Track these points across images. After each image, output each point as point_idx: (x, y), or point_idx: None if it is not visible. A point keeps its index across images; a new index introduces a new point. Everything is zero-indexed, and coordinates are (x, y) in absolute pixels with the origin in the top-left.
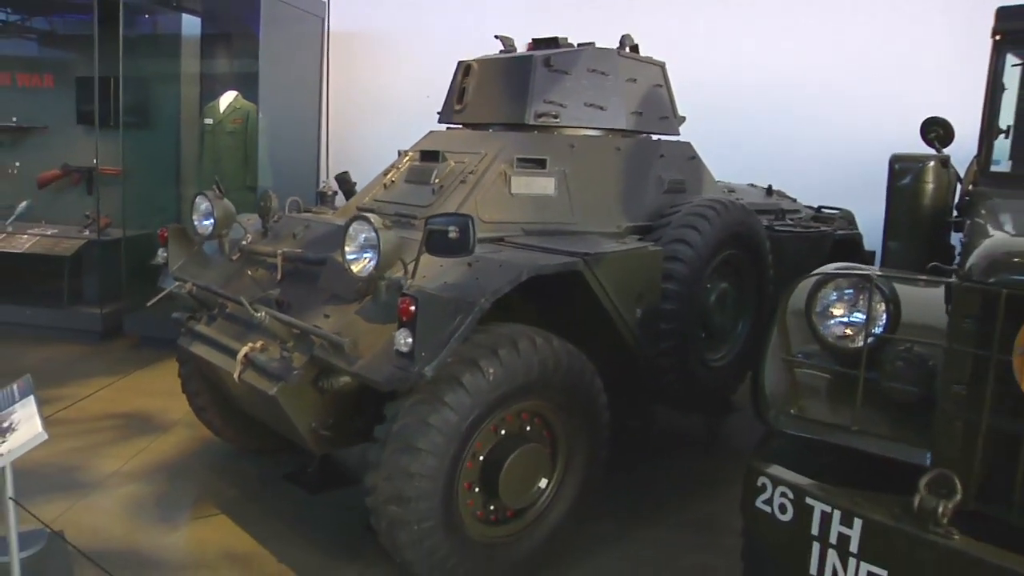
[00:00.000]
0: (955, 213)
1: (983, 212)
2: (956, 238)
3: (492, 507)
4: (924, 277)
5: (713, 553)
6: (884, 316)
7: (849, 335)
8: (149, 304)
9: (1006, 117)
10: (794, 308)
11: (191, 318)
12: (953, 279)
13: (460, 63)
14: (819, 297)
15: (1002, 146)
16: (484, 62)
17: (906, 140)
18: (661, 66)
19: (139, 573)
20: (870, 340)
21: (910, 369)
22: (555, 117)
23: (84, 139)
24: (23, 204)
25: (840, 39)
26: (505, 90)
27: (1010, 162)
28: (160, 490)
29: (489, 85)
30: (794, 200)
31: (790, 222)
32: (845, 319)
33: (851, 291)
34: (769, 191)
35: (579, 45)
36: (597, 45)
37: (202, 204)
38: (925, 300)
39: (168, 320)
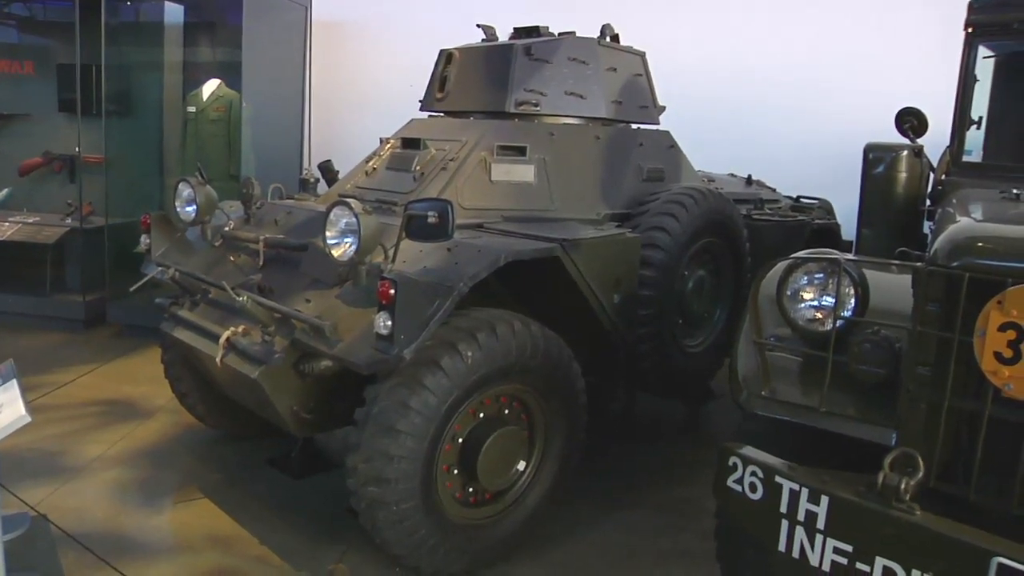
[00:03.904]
0: (928, 202)
1: (954, 201)
2: (929, 226)
3: (471, 489)
4: (891, 262)
5: (689, 535)
6: (853, 300)
7: (819, 318)
8: (132, 289)
9: (978, 108)
10: (766, 292)
11: (174, 304)
12: (919, 263)
13: (442, 51)
14: (790, 281)
15: (974, 137)
16: (465, 51)
17: (883, 131)
18: (641, 56)
19: (122, 555)
20: (839, 323)
21: (877, 351)
22: (535, 105)
23: (66, 127)
24: (5, 192)
25: (818, 31)
26: (486, 78)
27: (981, 152)
28: (143, 475)
29: (470, 73)
30: (773, 190)
31: (768, 211)
32: (815, 303)
33: (821, 275)
34: (749, 181)
35: (560, 34)
36: (578, 34)
37: (184, 191)
38: (894, 285)
39: (151, 308)
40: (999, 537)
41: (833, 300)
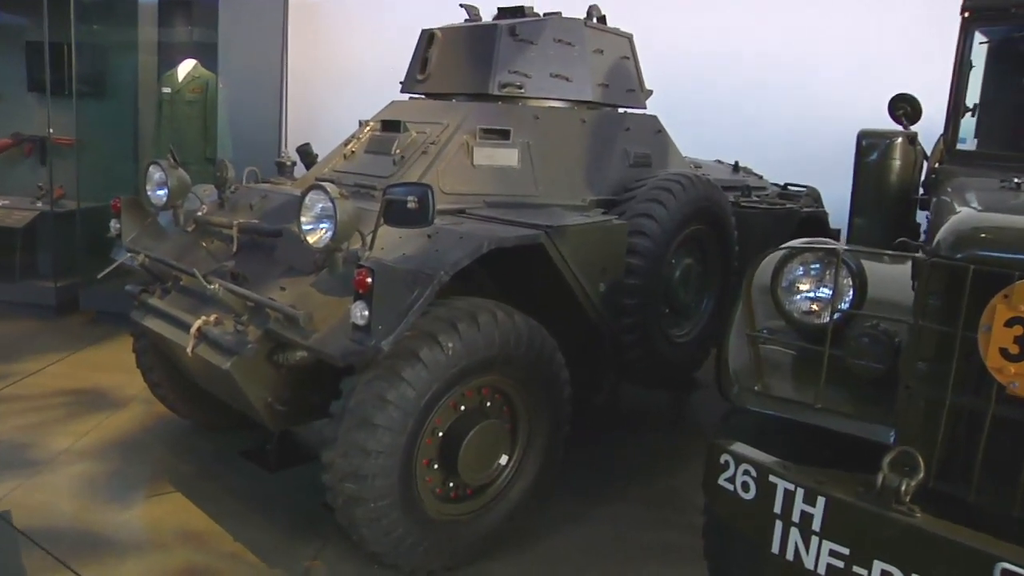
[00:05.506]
0: (921, 191)
1: (949, 190)
2: (922, 216)
3: (451, 484)
4: (891, 252)
5: (674, 529)
6: (850, 292)
7: (815, 311)
8: (100, 276)
9: (973, 95)
10: (760, 283)
11: (144, 291)
12: (920, 255)
13: (424, 32)
14: (785, 272)
15: (968, 124)
16: (448, 31)
17: (874, 118)
18: (628, 38)
19: (90, 554)
20: (836, 316)
21: (875, 346)
22: (519, 87)
23: (36, 107)
24: None
25: (810, 15)
26: (469, 59)
27: (976, 140)
28: (113, 468)
29: (453, 54)
30: (760, 177)
31: (756, 199)
32: (811, 294)
33: (818, 266)
34: (736, 168)
35: (545, 15)
36: (563, 15)
37: (155, 174)
38: (890, 276)
39: (126, 295)
40: (1003, 542)
41: (830, 292)
